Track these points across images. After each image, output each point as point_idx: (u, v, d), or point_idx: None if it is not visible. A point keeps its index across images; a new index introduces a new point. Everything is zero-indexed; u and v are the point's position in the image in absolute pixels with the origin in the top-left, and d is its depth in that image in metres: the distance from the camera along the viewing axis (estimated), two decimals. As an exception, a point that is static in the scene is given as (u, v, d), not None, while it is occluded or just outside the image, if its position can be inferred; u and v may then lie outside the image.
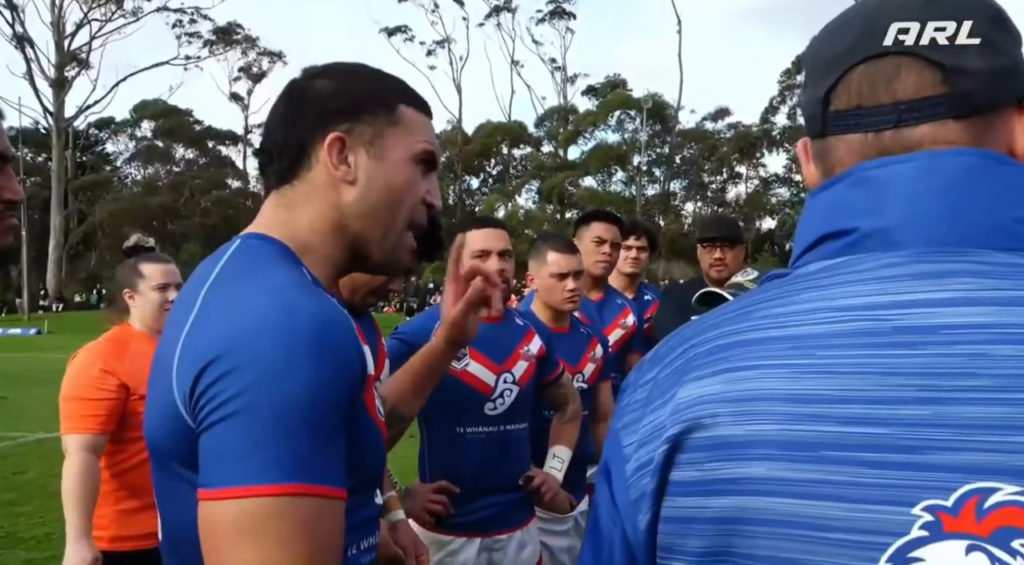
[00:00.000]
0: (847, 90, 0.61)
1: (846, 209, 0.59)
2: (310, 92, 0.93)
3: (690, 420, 0.55)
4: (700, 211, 41.93)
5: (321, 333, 0.75)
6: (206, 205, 43.36)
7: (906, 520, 0.48)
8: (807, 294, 0.57)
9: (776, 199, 39.94)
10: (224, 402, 0.72)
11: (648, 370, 0.63)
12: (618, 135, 41.40)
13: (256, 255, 0.87)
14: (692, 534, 0.54)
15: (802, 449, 0.50)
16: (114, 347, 2.27)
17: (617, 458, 0.60)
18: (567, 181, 40.10)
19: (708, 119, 42.89)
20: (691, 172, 42.22)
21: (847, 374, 0.51)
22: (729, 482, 0.52)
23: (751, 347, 0.55)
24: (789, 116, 37.73)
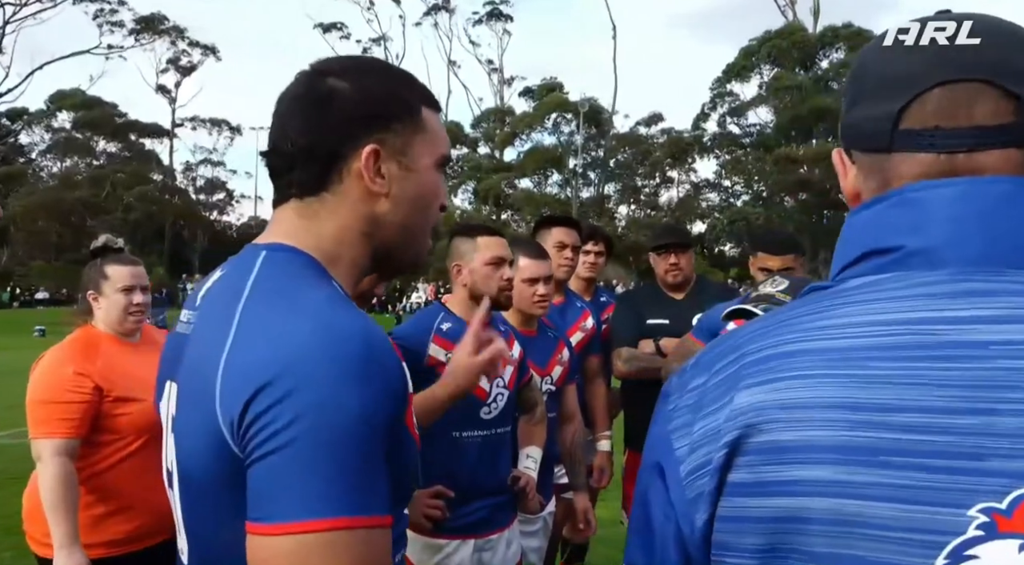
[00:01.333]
0: (922, 110, 0.63)
1: (891, 227, 0.63)
2: (336, 95, 0.88)
3: (746, 426, 0.58)
4: (634, 214, 42.72)
5: (368, 355, 0.74)
6: (129, 200, 41.65)
7: (963, 521, 0.52)
8: (855, 307, 0.60)
9: (706, 203, 40.99)
10: (277, 432, 0.70)
11: (694, 376, 0.66)
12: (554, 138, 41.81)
13: (289, 269, 0.84)
14: (748, 532, 0.57)
15: (863, 454, 0.54)
16: (84, 348, 2.18)
17: (670, 459, 0.63)
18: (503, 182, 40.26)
19: (642, 124, 43.79)
20: (625, 176, 42.95)
21: (901, 385, 0.55)
22: (785, 484, 0.56)
23: (803, 357, 0.59)
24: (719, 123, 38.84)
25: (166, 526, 2.23)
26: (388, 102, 0.90)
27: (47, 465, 2.02)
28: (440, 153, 0.94)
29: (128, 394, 2.14)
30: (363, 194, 0.88)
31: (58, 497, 1.99)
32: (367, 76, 0.91)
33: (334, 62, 0.93)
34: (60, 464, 2.01)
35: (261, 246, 0.88)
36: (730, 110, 38.38)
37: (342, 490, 0.69)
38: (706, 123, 39.49)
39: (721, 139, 38.74)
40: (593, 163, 42.41)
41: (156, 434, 2.16)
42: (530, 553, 2.56)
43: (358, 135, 0.87)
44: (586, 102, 39.76)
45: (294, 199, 0.89)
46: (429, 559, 2.11)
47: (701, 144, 39.54)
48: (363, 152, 0.87)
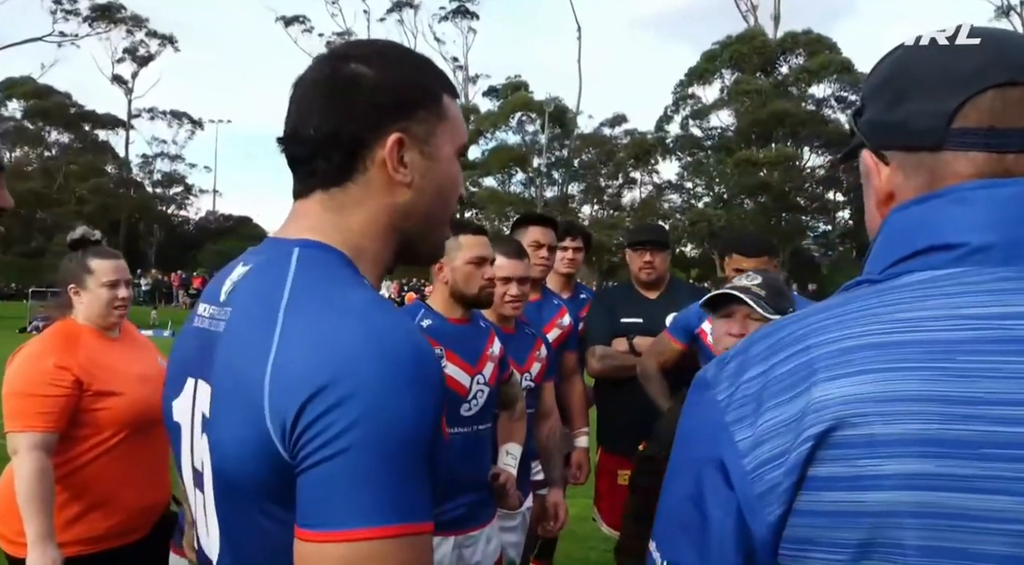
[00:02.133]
0: (977, 110, 0.64)
1: (952, 224, 0.64)
2: (359, 81, 0.85)
3: (836, 419, 0.57)
4: (597, 214, 42.98)
5: (416, 359, 0.74)
6: (82, 193, 40.53)
7: None
8: (926, 302, 0.61)
9: (668, 204, 41.45)
10: (332, 438, 0.69)
11: (744, 367, 0.65)
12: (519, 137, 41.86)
13: (327, 269, 0.83)
14: (841, 527, 0.57)
15: (962, 447, 0.55)
16: (65, 341, 2.14)
17: (731, 452, 0.62)
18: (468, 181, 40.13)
19: (606, 125, 44.05)
20: (589, 176, 43.18)
21: (991, 378, 0.56)
22: (882, 478, 0.56)
23: (884, 350, 0.59)
24: (682, 126, 39.28)
25: (141, 524, 2.21)
26: (413, 89, 0.88)
27: (23, 459, 1.97)
28: (460, 142, 0.93)
29: (108, 388, 2.11)
30: (387, 184, 0.87)
31: (34, 492, 1.95)
32: (391, 62, 0.89)
33: (356, 46, 0.91)
34: (37, 459, 1.97)
35: (291, 242, 0.86)
36: (692, 113, 38.82)
37: (394, 498, 0.69)
38: (669, 125, 39.91)
39: (683, 141, 39.16)
40: (557, 163, 42.55)
41: (135, 429, 2.15)
42: (509, 548, 2.58)
43: (383, 123, 0.85)
44: (551, 102, 39.89)
45: (319, 190, 0.87)
46: None
47: (664, 146, 39.93)
48: (388, 141, 0.85)
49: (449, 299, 2.26)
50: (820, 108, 36.83)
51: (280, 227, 0.91)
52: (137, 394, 2.16)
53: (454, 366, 2.18)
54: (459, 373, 2.19)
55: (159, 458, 2.28)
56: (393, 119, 0.86)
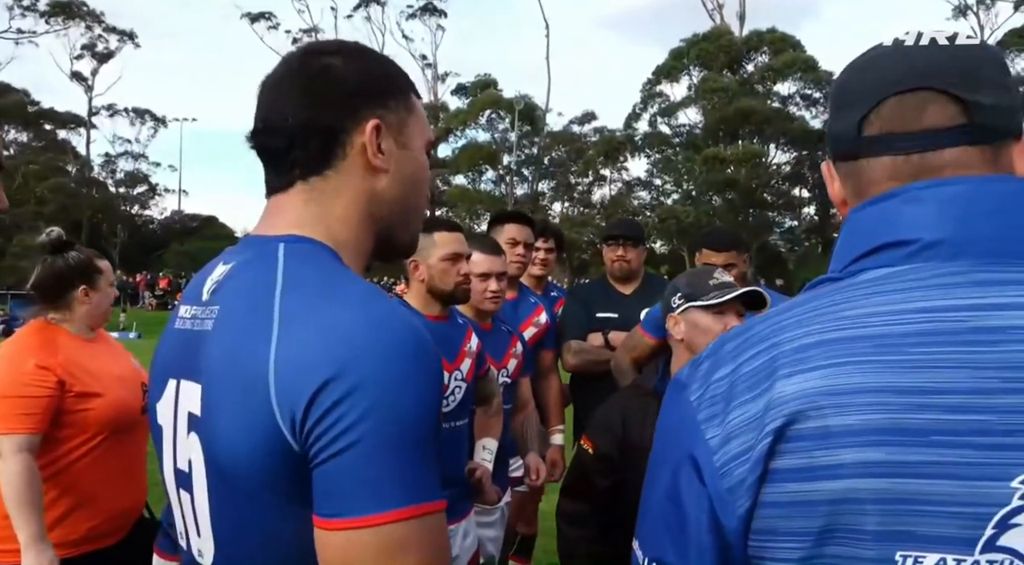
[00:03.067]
0: (880, 118, 0.70)
1: (905, 222, 0.67)
2: (332, 72, 0.87)
3: (792, 413, 0.61)
4: (568, 211, 43.15)
5: (420, 346, 0.76)
6: (42, 193, 39.60)
7: (1007, 492, 0.56)
8: (879, 298, 0.64)
9: (637, 202, 41.78)
10: (347, 428, 0.71)
11: (715, 367, 0.68)
12: (488, 135, 41.83)
13: (318, 262, 0.83)
14: (800, 516, 0.60)
15: (914, 435, 0.58)
16: (43, 342, 2.11)
17: (702, 449, 0.65)
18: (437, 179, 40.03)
19: (575, 122, 44.22)
20: (559, 173, 43.32)
21: (940, 368, 0.59)
22: (838, 467, 0.59)
23: (842, 345, 0.62)
24: (650, 123, 39.59)
25: (121, 525, 2.19)
26: (384, 79, 0.91)
27: (9, 462, 1.94)
28: (428, 137, 0.96)
29: (90, 389, 2.09)
30: (365, 170, 0.88)
31: (23, 494, 1.92)
32: (360, 55, 0.92)
33: (324, 43, 0.94)
34: (23, 460, 1.95)
35: (275, 238, 0.86)
36: (660, 110, 39.13)
37: (409, 480, 0.72)
38: (637, 123, 40.18)
39: (652, 138, 39.47)
40: (527, 160, 42.62)
41: (115, 430, 2.14)
42: (488, 543, 2.60)
43: (359, 109, 0.87)
44: (521, 100, 39.91)
45: (299, 182, 0.88)
46: None
47: (633, 143, 40.20)
48: (367, 126, 0.87)
49: (426, 296, 2.27)
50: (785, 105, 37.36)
51: (259, 224, 0.91)
52: (117, 395, 2.15)
53: None
54: None
55: (137, 459, 2.26)
56: (369, 106, 0.88)
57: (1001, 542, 0.56)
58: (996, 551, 0.56)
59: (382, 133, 0.88)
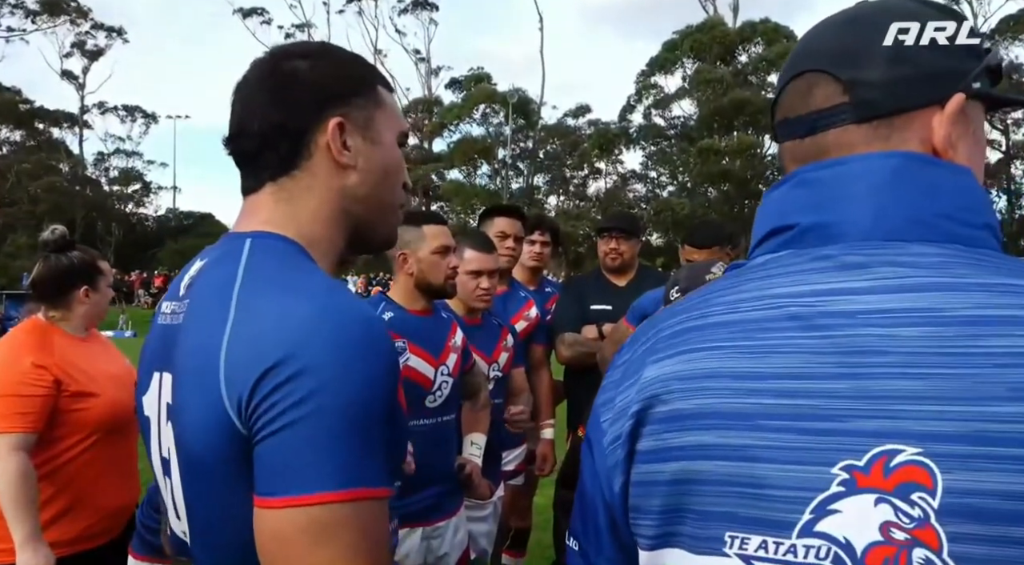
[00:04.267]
0: (780, 104, 0.72)
1: (790, 207, 0.67)
2: (298, 74, 0.91)
3: (650, 397, 0.63)
4: (563, 205, 43.13)
5: (370, 334, 0.77)
6: (35, 192, 39.45)
7: (827, 478, 0.56)
8: (751, 284, 0.65)
9: (633, 194, 41.76)
10: (287, 408, 0.72)
11: (624, 352, 0.71)
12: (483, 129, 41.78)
13: (280, 255, 0.86)
14: (653, 495, 0.63)
15: (741, 419, 0.59)
16: (38, 341, 2.10)
17: (596, 431, 0.69)
18: (432, 173, 39.99)
19: (570, 115, 44.16)
20: (554, 167, 43.29)
21: (780, 353, 0.59)
22: (680, 449, 0.61)
23: (705, 331, 0.64)
24: (645, 115, 39.55)
25: (114, 525, 2.19)
26: (349, 79, 0.94)
27: (4, 461, 1.94)
28: (400, 128, 0.98)
29: (85, 389, 2.09)
30: (332, 168, 0.91)
31: (19, 493, 1.92)
32: (327, 56, 0.95)
33: (292, 46, 0.96)
34: (19, 460, 1.94)
35: (244, 234, 0.89)
36: (655, 102, 39.12)
37: (347, 464, 0.72)
38: (632, 115, 40.19)
39: (647, 131, 39.46)
40: (522, 154, 42.59)
41: (109, 430, 2.13)
42: (480, 538, 2.59)
43: (323, 110, 0.90)
44: (515, 93, 39.87)
45: (268, 183, 0.91)
46: None
47: (627, 136, 40.18)
48: (329, 125, 0.90)
49: (412, 291, 2.26)
50: (779, 96, 37.21)
51: (235, 224, 0.94)
52: (112, 395, 2.14)
53: (417, 358, 2.18)
54: (423, 365, 2.19)
55: (130, 459, 2.26)
56: (332, 106, 0.91)
57: (818, 528, 0.56)
58: (813, 536, 0.55)
59: (346, 130, 0.91)
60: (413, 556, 2.15)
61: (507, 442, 2.84)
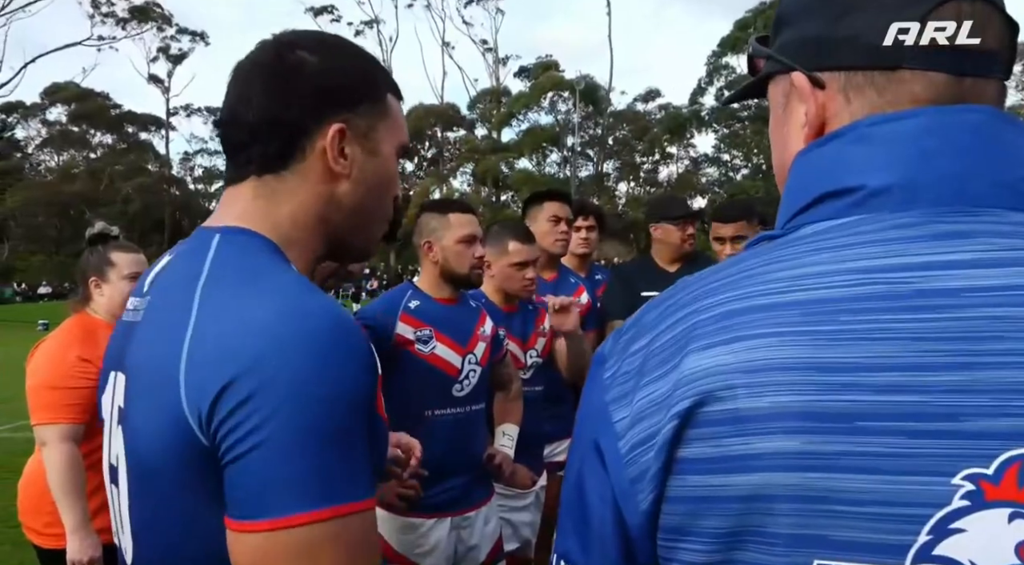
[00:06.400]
0: (942, 26, 0.56)
1: (849, 166, 0.57)
2: (303, 69, 0.84)
3: (702, 393, 0.51)
4: (633, 191, 42.58)
5: (342, 339, 0.72)
6: (127, 192, 41.59)
7: (947, 490, 0.46)
8: (817, 256, 0.54)
9: (705, 179, 40.86)
10: (256, 427, 0.67)
11: (636, 338, 0.59)
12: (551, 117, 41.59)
13: (248, 253, 0.81)
14: (710, 514, 0.51)
15: (834, 420, 0.48)
16: (84, 334, 2.19)
17: (608, 434, 0.56)
18: (501, 163, 40.10)
19: (639, 100, 43.50)
20: (623, 153, 42.75)
21: (875, 340, 0.49)
22: (751, 458, 0.50)
23: (763, 313, 0.52)
24: (717, 97, 38.54)
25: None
26: (357, 82, 0.87)
27: (53, 451, 2.03)
28: (400, 141, 0.92)
29: None
30: (324, 174, 0.85)
31: (68, 482, 2.01)
32: (338, 53, 0.88)
33: (302, 35, 0.89)
34: (67, 450, 2.03)
35: (214, 229, 0.84)
36: (727, 83, 38.05)
37: (327, 479, 0.68)
38: (703, 97, 39.23)
39: (719, 113, 38.44)
40: (591, 141, 42.21)
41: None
42: (523, 527, 2.57)
43: (325, 111, 0.84)
44: (582, 80, 39.46)
45: (252, 177, 0.86)
46: (406, 538, 2.10)
47: (699, 119, 39.27)
48: (330, 130, 0.84)
49: (438, 279, 2.24)
50: (860, 72, 35.69)
51: (210, 217, 0.89)
52: None
53: (444, 346, 2.16)
54: (449, 353, 2.17)
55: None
56: (336, 109, 0.85)
57: (938, 551, 0.46)
58: (931, 562, 0.46)
59: (346, 138, 0.85)
60: (443, 546, 2.14)
61: (553, 434, 2.79)
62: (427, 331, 2.15)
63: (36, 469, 2.18)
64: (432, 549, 2.11)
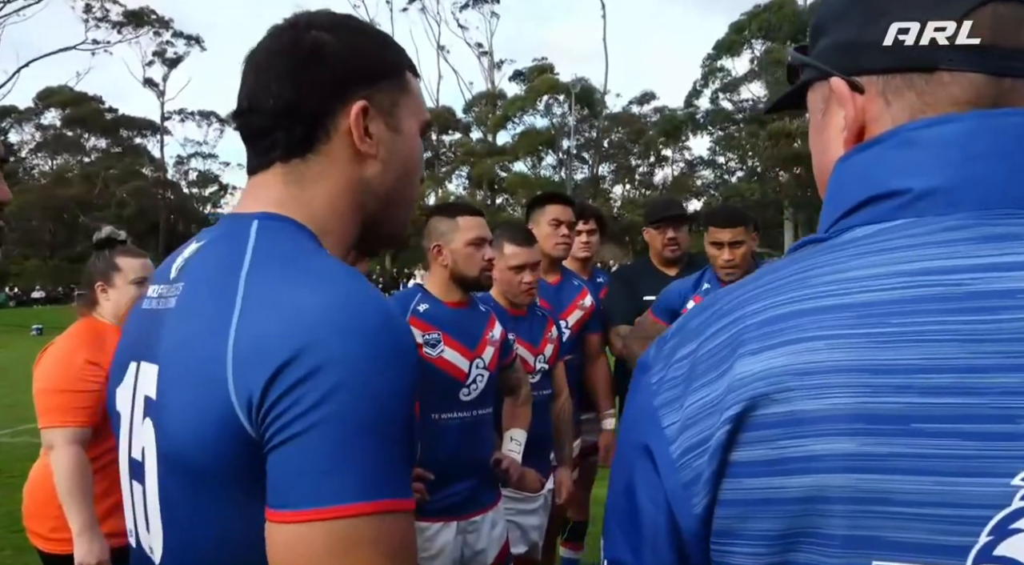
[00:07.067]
0: (980, 26, 0.56)
1: (894, 169, 0.57)
2: (322, 50, 0.82)
3: (755, 396, 0.52)
4: (628, 194, 42.63)
5: (394, 331, 0.70)
6: (122, 196, 41.49)
7: (1006, 491, 0.47)
8: (864, 259, 0.54)
9: (701, 181, 40.93)
10: (307, 409, 0.64)
11: (681, 344, 0.59)
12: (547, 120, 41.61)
13: (292, 238, 0.78)
14: (762, 517, 0.51)
15: (888, 422, 0.49)
16: (92, 338, 2.19)
17: (658, 439, 0.56)
18: (497, 166, 40.11)
19: (634, 103, 43.61)
20: (619, 156, 42.81)
21: (928, 342, 0.49)
22: (804, 460, 0.50)
23: (813, 317, 0.53)
24: (712, 100, 38.64)
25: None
26: (376, 59, 0.85)
27: (61, 454, 2.02)
28: (423, 118, 0.91)
29: None
30: (351, 156, 0.83)
31: (75, 485, 2.00)
32: (354, 31, 0.86)
33: (315, 15, 0.87)
34: (75, 453, 2.03)
35: (251, 215, 0.81)
36: (722, 86, 38.16)
37: (374, 472, 0.65)
38: (698, 100, 39.29)
39: (714, 116, 38.54)
40: (586, 144, 42.25)
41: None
42: (531, 531, 2.57)
43: (346, 91, 0.82)
44: (577, 83, 39.52)
45: (278, 163, 0.83)
46: None
47: (694, 121, 39.33)
48: (352, 108, 0.82)
49: (448, 282, 2.23)
50: (854, 74, 35.82)
51: (237, 205, 0.87)
52: None
53: (452, 350, 2.16)
54: (457, 357, 2.17)
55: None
56: (357, 88, 0.83)
57: (999, 552, 0.47)
58: (992, 562, 0.47)
59: (370, 116, 0.83)
60: (449, 550, 2.13)
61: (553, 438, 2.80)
62: (435, 335, 2.15)
63: (42, 473, 2.18)
64: (438, 553, 2.11)
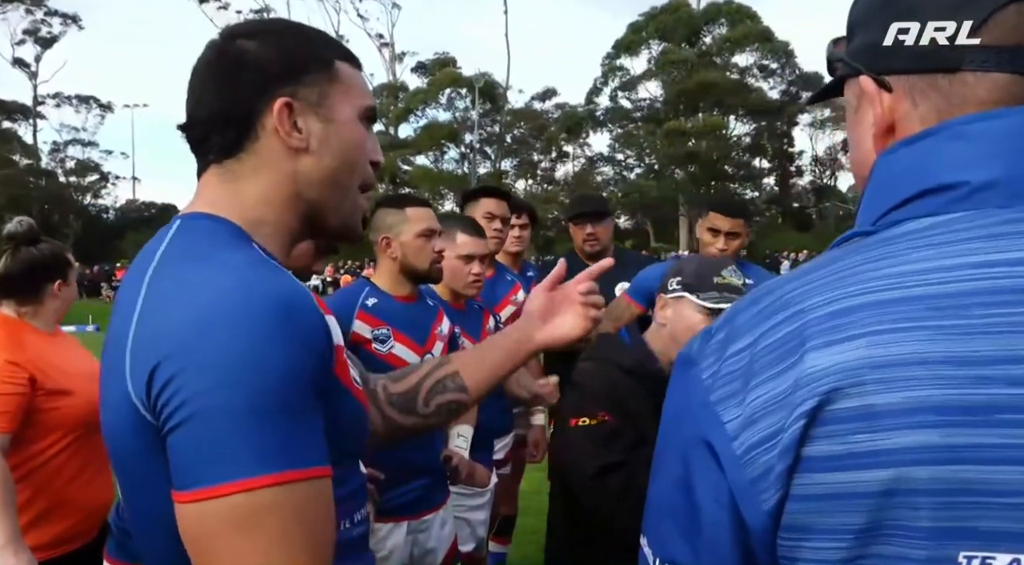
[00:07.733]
0: (1002, 26, 0.57)
1: (947, 163, 0.57)
2: (245, 56, 0.87)
3: (828, 390, 0.52)
4: (531, 189, 43.05)
5: (282, 311, 0.73)
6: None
7: None
8: (926, 252, 0.55)
9: (601, 177, 41.89)
10: (188, 399, 0.69)
11: (731, 340, 0.59)
12: (449, 113, 41.45)
13: (202, 235, 0.83)
14: (841, 511, 0.51)
15: (971, 413, 0.49)
16: (9, 337, 2.00)
17: (719, 435, 0.56)
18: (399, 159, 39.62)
19: (536, 99, 44.06)
20: (521, 151, 43.18)
21: (1007, 333, 0.50)
22: (884, 453, 0.50)
23: (882, 309, 0.53)
24: (611, 98, 39.57)
25: (92, 525, 2.11)
26: (298, 56, 0.89)
27: None
28: (362, 104, 0.92)
29: (60, 386, 2.00)
30: (283, 151, 0.87)
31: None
32: (277, 34, 0.90)
33: (243, 25, 0.92)
34: None
35: (179, 215, 0.87)
36: (621, 85, 39.15)
37: (269, 447, 0.68)
38: (599, 97, 40.17)
39: (613, 113, 39.51)
40: (489, 139, 42.37)
41: (87, 428, 2.04)
42: (479, 526, 2.57)
43: (269, 90, 0.86)
44: (481, 77, 39.57)
45: (213, 165, 0.88)
46: None
47: (594, 118, 40.21)
48: (275, 106, 0.86)
49: (397, 276, 2.19)
50: (743, 77, 37.61)
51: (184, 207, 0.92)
52: (90, 393, 2.05)
53: (402, 346, 2.13)
54: (407, 353, 2.13)
55: (104, 458, 2.17)
56: (279, 85, 0.87)
57: None
58: None
59: (296, 110, 0.87)
60: (399, 551, 2.10)
61: (497, 431, 2.80)
62: (384, 330, 2.11)
63: None
64: (388, 555, 2.08)
